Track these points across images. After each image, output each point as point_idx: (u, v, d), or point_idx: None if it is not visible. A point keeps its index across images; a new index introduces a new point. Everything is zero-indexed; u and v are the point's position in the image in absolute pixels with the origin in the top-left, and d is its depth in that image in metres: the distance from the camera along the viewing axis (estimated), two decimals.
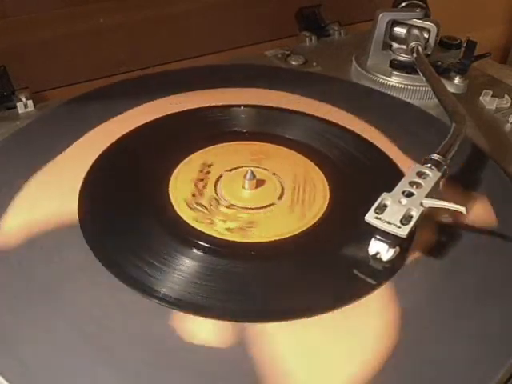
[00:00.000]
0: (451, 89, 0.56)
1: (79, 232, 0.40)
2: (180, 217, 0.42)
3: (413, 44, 0.58)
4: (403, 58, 0.61)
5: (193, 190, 0.45)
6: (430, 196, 0.39)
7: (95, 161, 0.47)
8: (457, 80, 0.59)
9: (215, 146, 0.50)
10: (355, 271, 0.39)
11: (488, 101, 0.60)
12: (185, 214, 0.42)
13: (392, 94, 0.60)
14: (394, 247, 0.38)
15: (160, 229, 0.41)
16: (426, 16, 0.61)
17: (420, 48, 0.58)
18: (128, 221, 0.42)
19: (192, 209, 0.43)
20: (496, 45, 0.99)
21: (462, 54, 0.61)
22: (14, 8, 0.60)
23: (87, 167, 0.46)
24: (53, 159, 0.47)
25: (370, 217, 0.38)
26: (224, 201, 0.44)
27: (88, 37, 0.64)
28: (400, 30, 0.61)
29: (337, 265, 0.40)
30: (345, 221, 0.43)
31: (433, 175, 0.41)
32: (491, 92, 0.60)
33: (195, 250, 0.40)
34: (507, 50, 1.02)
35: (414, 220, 0.37)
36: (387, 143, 0.51)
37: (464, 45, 0.62)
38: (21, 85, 0.55)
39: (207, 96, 0.55)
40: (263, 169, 0.47)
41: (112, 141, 0.49)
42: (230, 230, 0.42)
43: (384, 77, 0.61)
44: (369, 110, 0.55)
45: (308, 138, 0.52)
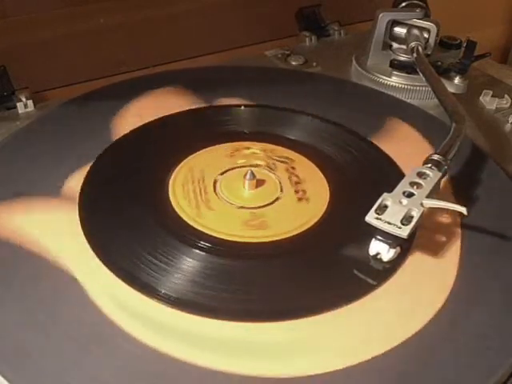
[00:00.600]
0: (451, 89, 0.56)
1: (80, 232, 0.40)
2: (180, 217, 0.42)
3: (413, 44, 0.58)
4: (403, 58, 0.61)
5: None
6: (431, 196, 0.39)
7: (95, 161, 0.47)
8: (457, 80, 0.59)
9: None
10: (355, 271, 0.39)
11: (488, 101, 0.60)
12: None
13: (392, 94, 0.60)
14: (395, 248, 0.38)
15: (160, 228, 0.41)
16: (426, 16, 0.61)
17: (420, 48, 0.58)
18: (128, 220, 0.42)
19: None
20: (496, 45, 0.99)
21: (462, 54, 0.61)
22: (14, 8, 0.60)
23: (87, 168, 0.46)
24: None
25: (371, 217, 0.38)
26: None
27: (88, 37, 0.64)
28: (400, 30, 0.61)
29: (337, 265, 0.40)
30: (345, 221, 0.43)
31: (433, 175, 0.41)
32: (491, 92, 0.60)
33: (196, 250, 0.40)
34: (507, 50, 1.02)
35: (415, 220, 0.37)
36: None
37: (464, 45, 0.62)
38: (21, 85, 0.55)
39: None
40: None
41: (112, 141, 0.49)
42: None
43: (384, 77, 0.61)
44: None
45: (308, 138, 0.52)
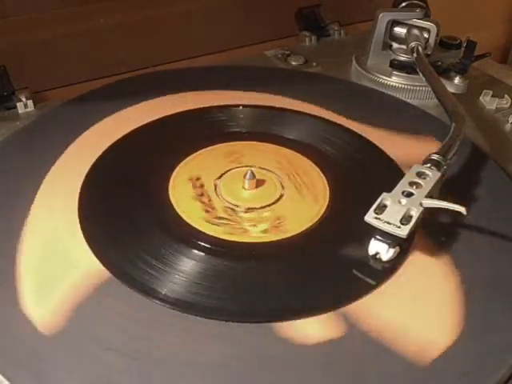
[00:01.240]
0: (451, 89, 0.56)
1: (79, 232, 0.40)
2: (181, 217, 0.42)
3: (413, 44, 0.58)
4: (403, 58, 0.61)
5: (202, 206, 0.43)
6: (430, 196, 0.39)
7: (95, 161, 0.47)
8: (457, 80, 0.59)
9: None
10: (355, 271, 0.39)
11: (488, 101, 0.60)
12: (213, 231, 0.41)
13: (392, 94, 0.60)
14: (394, 247, 0.38)
15: (161, 229, 0.41)
16: (426, 16, 0.61)
17: (420, 48, 0.58)
18: (128, 221, 0.42)
19: (217, 224, 0.42)
20: (496, 45, 0.99)
21: (462, 54, 0.61)
22: (14, 8, 0.60)
23: (87, 167, 0.46)
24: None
25: (370, 217, 0.38)
26: (238, 207, 0.44)
27: (88, 37, 0.64)
28: (400, 30, 0.61)
29: (336, 265, 0.40)
30: (344, 221, 0.43)
31: (432, 175, 0.41)
32: (491, 92, 0.60)
33: (196, 251, 0.40)
34: (507, 50, 1.01)
35: (414, 220, 0.37)
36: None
37: (464, 45, 0.62)
38: (21, 85, 0.55)
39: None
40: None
41: (112, 141, 0.49)
42: (266, 231, 0.42)
43: (384, 77, 0.61)
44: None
45: (308, 138, 0.52)
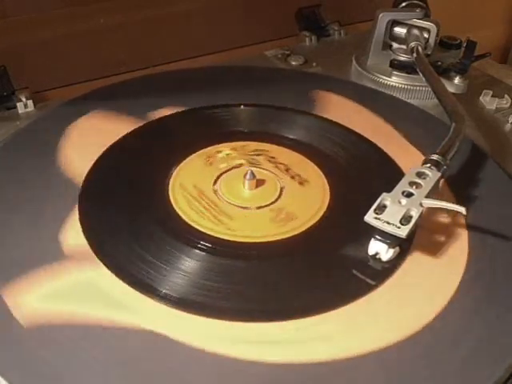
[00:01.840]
0: (451, 89, 0.56)
1: (80, 232, 0.40)
2: (181, 217, 0.42)
3: (413, 44, 0.58)
4: (403, 58, 0.61)
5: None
6: (430, 196, 0.39)
7: (95, 161, 0.47)
8: (457, 80, 0.59)
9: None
10: (354, 271, 0.39)
11: (488, 101, 0.60)
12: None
13: (392, 94, 0.60)
14: (394, 247, 0.38)
15: (161, 229, 0.41)
16: (426, 16, 0.61)
17: (420, 48, 0.58)
18: (129, 221, 0.42)
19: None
20: (496, 45, 0.99)
21: (462, 54, 0.61)
22: (14, 8, 0.60)
23: (87, 168, 0.46)
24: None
25: (370, 217, 0.38)
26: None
27: (88, 37, 0.64)
28: (400, 30, 0.61)
29: (336, 265, 0.40)
30: (344, 221, 0.43)
31: (432, 175, 0.41)
32: (491, 92, 0.60)
33: (197, 250, 0.40)
34: (507, 50, 1.01)
35: (414, 220, 0.37)
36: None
37: (464, 45, 0.62)
38: (21, 85, 0.55)
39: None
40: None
41: (112, 141, 0.49)
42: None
43: (384, 77, 0.61)
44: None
45: (308, 138, 0.52)
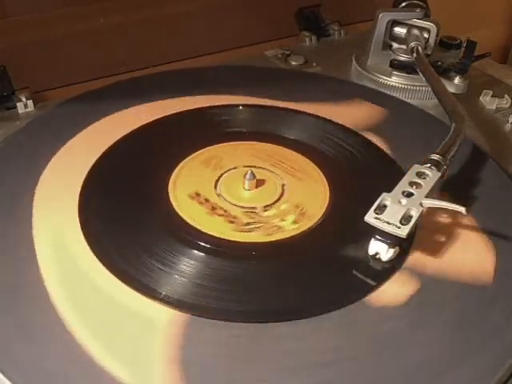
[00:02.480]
0: (451, 89, 0.56)
1: (80, 233, 0.40)
2: (181, 217, 0.42)
3: (413, 44, 0.58)
4: (403, 58, 0.61)
5: (223, 218, 0.43)
6: (430, 196, 0.39)
7: (96, 161, 0.47)
8: (457, 80, 0.59)
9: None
10: (354, 271, 0.39)
11: (488, 101, 0.60)
12: (250, 239, 0.41)
13: (392, 94, 0.60)
14: (394, 247, 0.38)
15: (161, 229, 0.41)
16: (426, 16, 0.61)
17: (420, 48, 0.58)
18: (129, 221, 0.42)
19: (250, 231, 0.42)
20: (496, 45, 0.99)
21: (462, 54, 0.61)
22: (14, 8, 0.60)
23: (88, 168, 0.46)
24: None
25: (370, 217, 0.38)
26: (255, 208, 0.44)
27: (88, 37, 0.64)
28: (400, 30, 0.61)
29: (336, 265, 0.40)
30: (345, 221, 0.43)
31: (432, 175, 0.41)
32: (491, 92, 0.60)
33: (196, 251, 0.40)
34: (507, 50, 1.01)
35: (414, 220, 0.37)
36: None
37: (464, 45, 0.62)
38: (21, 85, 0.55)
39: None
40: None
41: (112, 141, 0.49)
42: (297, 221, 0.42)
43: (384, 77, 0.61)
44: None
45: (308, 138, 0.52)
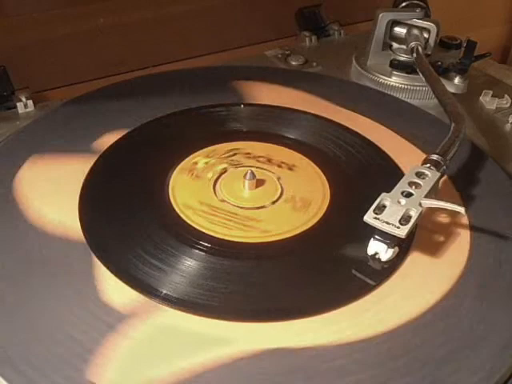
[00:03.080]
0: (451, 89, 0.56)
1: (80, 233, 0.40)
2: (181, 217, 0.42)
3: (413, 44, 0.58)
4: (403, 58, 0.61)
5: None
6: (429, 196, 0.39)
7: (96, 161, 0.47)
8: (457, 80, 0.59)
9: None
10: (354, 271, 0.39)
11: (488, 101, 0.60)
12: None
13: (392, 94, 0.60)
14: (393, 247, 0.38)
15: (161, 229, 0.41)
16: (426, 16, 0.61)
17: (420, 48, 0.58)
18: (129, 221, 0.42)
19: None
20: (496, 45, 0.99)
21: (462, 54, 0.61)
22: (14, 8, 0.60)
23: (87, 168, 0.46)
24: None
25: (369, 217, 0.38)
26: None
27: (88, 37, 0.64)
28: (400, 30, 0.61)
29: (336, 265, 0.40)
30: (344, 221, 0.43)
31: (432, 175, 0.41)
32: (491, 92, 0.60)
33: (196, 250, 0.40)
34: (507, 50, 1.01)
35: (413, 220, 0.37)
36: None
37: (464, 45, 0.62)
38: (21, 85, 0.55)
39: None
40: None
41: (112, 141, 0.49)
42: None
43: (384, 77, 0.61)
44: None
45: (308, 138, 0.52)
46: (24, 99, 0.55)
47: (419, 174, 0.41)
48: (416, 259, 0.40)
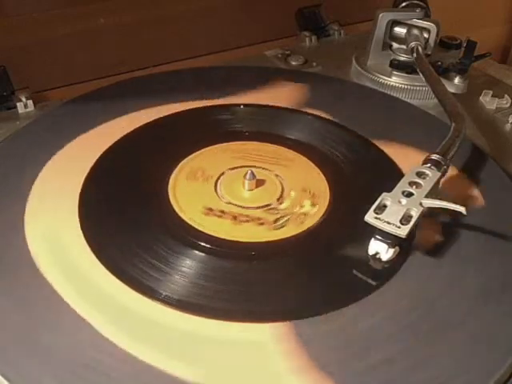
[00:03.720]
0: (451, 89, 0.56)
1: (80, 233, 0.40)
2: (181, 218, 0.42)
3: (413, 44, 0.58)
4: (403, 58, 0.61)
5: (252, 223, 0.43)
6: (430, 196, 0.39)
7: (96, 161, 0.47)
8: (457, 80, 0.59)
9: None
10: (355, 271, 0.39)
11: (488, 101, 0.60)
12: (283, 235, 0.41)
13: (392, 94, 0.60)
14: (394, 247, 0.38)
15: (161, 230, 0.41)
16: (426, 16, 0.61)
17: (420, 48, 0.58)
18: (129, 222, 0.42)
19: (281, 227, 0.42)
20: (496, 45, 0.99)
21: (462, 54, 0.61)
22: (14, 8, 0.60)
23: (88, 168, 0.46)
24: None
25: (370, 217, 0.38)
26: (271, 204, 0.44)
27: (88, 37, 0.64)
28: (400, 30, 0.61)
29: (336, 265, 0.40)
30: (345, 221, 0.43)
31: (432, 175, 0.41)
32: (491, 92, 0.60)
33: (196, 251, 0.40)
34: (507, 50, 1.01)
35: (414, 220, 0.37)
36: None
37: (464, 45, 0.62)
38: (21, 85, 0.55)
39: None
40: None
41: (112, 141, 0.49)
42: (315, 204, 0.44)
43: (384, 77, 0.61)
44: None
45: (308, 138, 0.52)
46: (24, 99, 0.55)
47: (420, 174, 0.41)
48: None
